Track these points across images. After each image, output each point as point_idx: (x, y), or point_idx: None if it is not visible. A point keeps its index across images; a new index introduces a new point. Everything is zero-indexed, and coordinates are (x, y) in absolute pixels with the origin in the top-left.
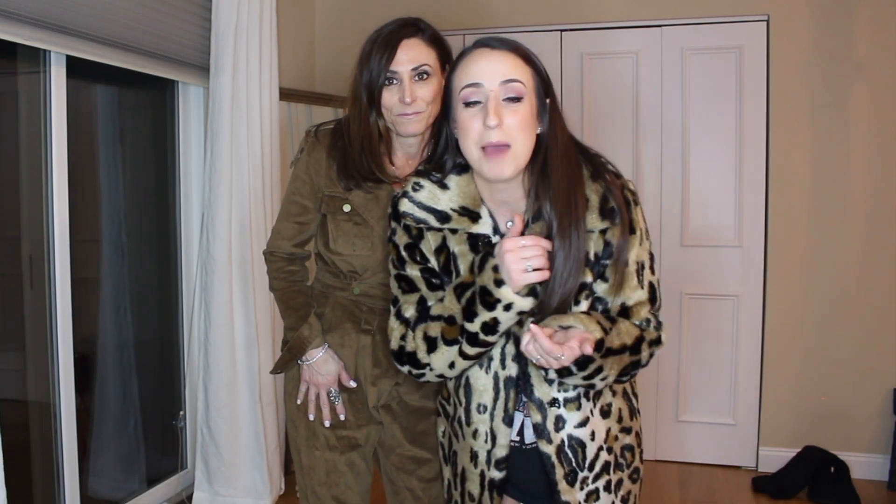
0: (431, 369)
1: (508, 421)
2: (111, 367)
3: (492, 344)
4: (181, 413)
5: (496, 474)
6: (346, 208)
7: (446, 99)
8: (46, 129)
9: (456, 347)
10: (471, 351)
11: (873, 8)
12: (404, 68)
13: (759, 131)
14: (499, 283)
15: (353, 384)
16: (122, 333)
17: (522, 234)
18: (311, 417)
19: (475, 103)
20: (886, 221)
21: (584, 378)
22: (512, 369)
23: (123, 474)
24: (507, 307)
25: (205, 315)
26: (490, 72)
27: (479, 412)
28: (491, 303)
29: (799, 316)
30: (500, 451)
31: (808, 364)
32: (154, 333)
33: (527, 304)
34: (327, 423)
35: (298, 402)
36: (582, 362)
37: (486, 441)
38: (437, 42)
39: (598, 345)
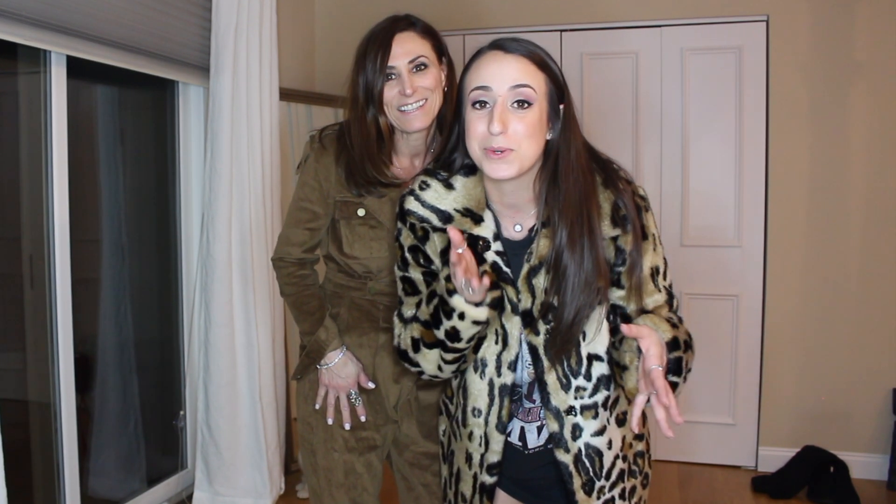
0: (422, 369)
1: (502, 428)
2: (111, 367)
3: (462, 350)
4: (181, 413)
5: (487, 478)
6: (361, 212)
7: (459, 97)
8: (47, 129)
9: (436, 351)
10: (447, 356)
11: (873, 8)
12: (401, 62)
13: (759, 131)
14: (450, 292)
15: (371, 385)
16: (122, 333)
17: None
18: (331, 421)
19: (483, 105)
20: (886, 221)
21: (684, 379)
22: (507, 377)
23: (124, 474)
24: (461, 316)
25: (205, 315)
26: (500, 76)
27: (474, 415)
28: (448, 311)
29: (798, 316)
30: (493, 457)
31: (808, 364)
32: (154, 333)
33: (479, 313)
34: (348, 426)
35: (317, 406)
36: (674, 367)
37: (479, 444)
38: (430, 33)
39: (675, 342)
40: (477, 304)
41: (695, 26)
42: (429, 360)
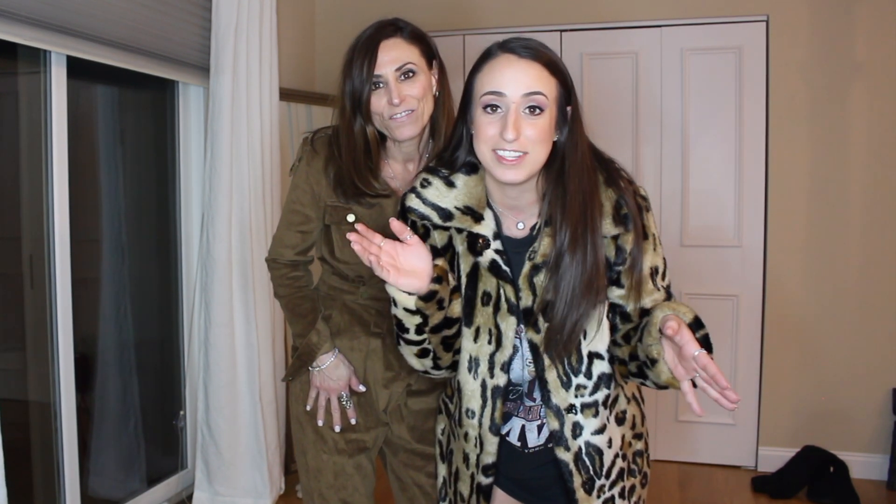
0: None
1: (495, 430)
2: (111, 367)
3: (417, 342)
4: (181, 413)
5: (483, 479)
6: (351, 218)
7: (465, 95)
8: (47, 129)
9: (402, 342)
10: (412, 349)
11: (873, 8)
12: (388, 70)
13: (759, 131)
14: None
15: (362, 388)
16: (122, 333)
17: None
18: (321, 423)
19: (495, 109)
20: (886, 221)
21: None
22: (500, 379)
23: (124, 474)
24: (394, 303)
25: (205, 315)
26: (514, 82)
27: (468, 416)
28: (391, 301)
29: (799, 316)
30: (488, 458)
31: (808, 364)
32: (154, 333)
33: (405, 300)
34: (338, 429)
35: (308, 407)
36: (706, 345)
37: (475, 445)
38: (418, 39)
39: (699, 321)
40: (409, 293)
41: (695, 26)
42: (406, 354)
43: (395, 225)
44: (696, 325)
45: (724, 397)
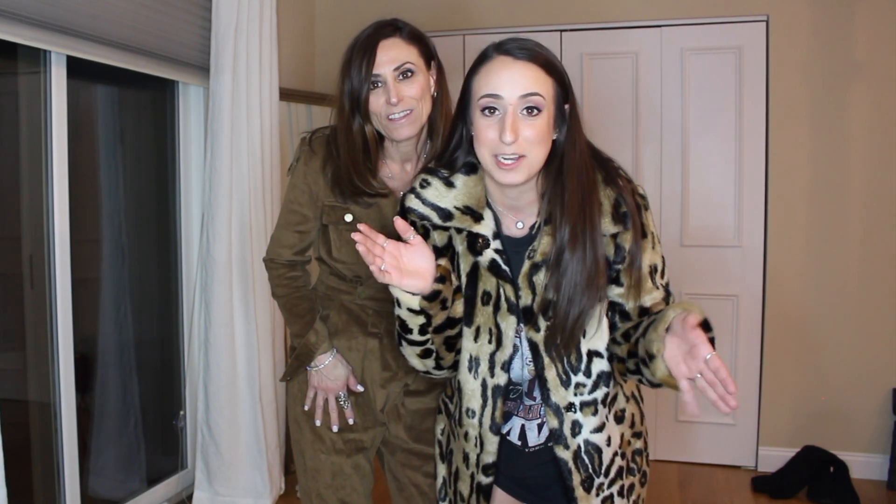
0: (411, 364)
1: (495, 429)
2: (111, 367)
3: (420, 343)
4: (181, 413)
5: (483, 479)
6: (349, 218)
7: (464, 97)
8: (47, 129)
9: (405, 345)
10: (415, 349)
11: (873, 8)
12: (386, 69)
13: (759, 131)
14: None
15: (360, 388)
16: (122, 333)
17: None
18: (319, 423)
19: (493, 111)
20: (886, 221)
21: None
22: (501, 378)
23: (124, 474)
24: (398, 303)
25: (205, 315)
26: (510, 84)
27: (469, 416)
28: (395, 302)
29: (799, 316)
30: (488, 458)
31: (808, 364)
32: (154, 333)
33: (409, 300)
34: (335, 428)
35: (306, 407)
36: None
37: (475, 445)
38: (417, 39)
39: (708, 323)
40: (413, 293)
41: (695, 26)
42: (408, 355)
43: (400, 224)
44: (705, 327)
45: (725, 402)
